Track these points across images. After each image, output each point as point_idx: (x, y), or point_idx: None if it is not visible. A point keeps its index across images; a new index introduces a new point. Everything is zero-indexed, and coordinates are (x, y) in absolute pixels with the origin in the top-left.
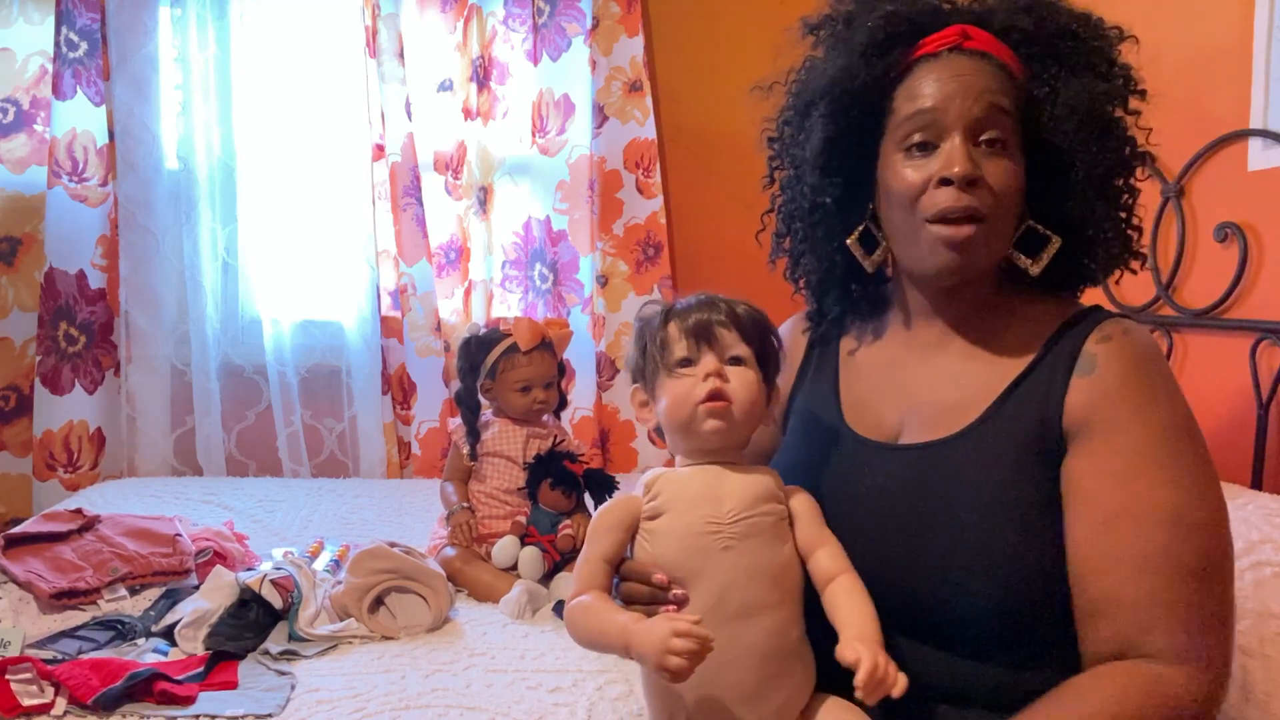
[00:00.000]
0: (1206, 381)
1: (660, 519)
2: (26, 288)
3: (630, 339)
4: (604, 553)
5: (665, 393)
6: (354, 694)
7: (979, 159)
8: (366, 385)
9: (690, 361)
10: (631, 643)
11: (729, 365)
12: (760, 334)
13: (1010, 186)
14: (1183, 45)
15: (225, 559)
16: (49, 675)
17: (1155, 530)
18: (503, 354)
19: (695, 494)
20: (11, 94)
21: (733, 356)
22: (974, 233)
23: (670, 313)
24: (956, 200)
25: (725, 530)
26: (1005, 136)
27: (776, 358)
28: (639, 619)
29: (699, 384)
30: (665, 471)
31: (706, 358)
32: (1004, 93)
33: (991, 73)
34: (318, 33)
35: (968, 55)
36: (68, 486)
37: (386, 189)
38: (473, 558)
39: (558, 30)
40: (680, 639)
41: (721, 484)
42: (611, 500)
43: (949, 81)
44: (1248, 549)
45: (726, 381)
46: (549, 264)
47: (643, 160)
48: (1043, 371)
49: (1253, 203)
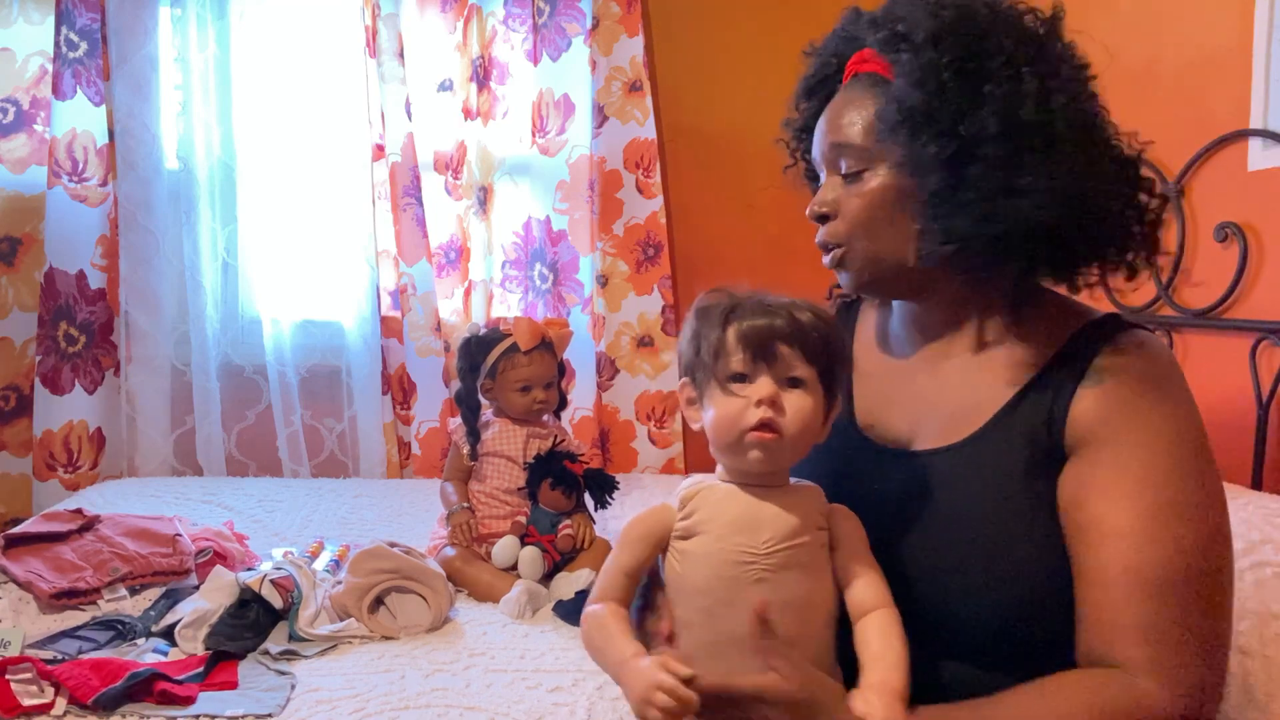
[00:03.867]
0: (1206, 381)
1: (693, 540)
2: (26, 288)
3: (686, 329)
4: (628, 565)
5: (715, 405)
6: (354, 694)
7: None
8: (366, 385)
9: (745, 378)
10: (621, 679)
11: (787, 388)
12: (827, 350)
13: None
14: (1183, 45)
15: (225, 559)
16: (49, 675)
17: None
18: (503, 354)
19: (733, 518)
20: (11, 94)
21: (792, 378)
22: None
23: (730, 315)
24: (819, 236)
25: (760, 562)
26: (860, 164)
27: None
28: (640, 654)
29: (750, 409)
30: (703, 486)
31: (763, 379)
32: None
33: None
34: (317, 33)
35: (858, 83)
36: (68, 486)
37: (386, 189)
38: (473, 558)
39: (558, 30)
40: (662, 694)
41: (762, 511)
42: (647, 510)
43: (823, 123)
44: (1248, 549)
45: (781, 413)
46: (549, 264)
47: (643, 160)
48: (1052, 379)
49: (1253, 203)
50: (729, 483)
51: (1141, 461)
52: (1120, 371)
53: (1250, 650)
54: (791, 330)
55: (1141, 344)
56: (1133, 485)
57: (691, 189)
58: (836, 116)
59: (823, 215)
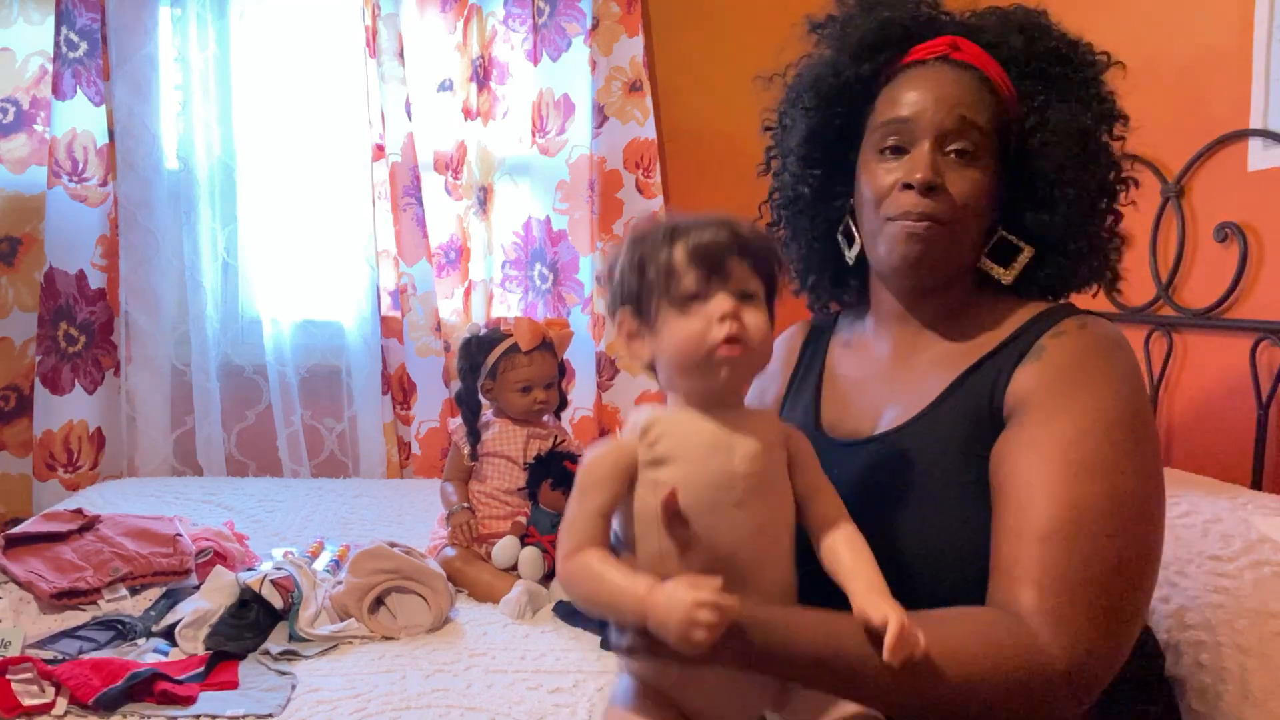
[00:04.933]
0: (1206, 381)
1: (665, 468)
2: (26, 288)
3: (621, 259)
4: (601, 506)
5: (671, 330)
6: (354, 694)
7: (944, 168)
8: (366, 385)
9: (699, 296)
10: (650, 613)
11: (742, 303)
12: (769, 265)
13: (973, 195)
14: (1183, 45)
15: (225, 559)
16: (49, 675)
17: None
18: (503, 354)
19: (705, 442)
20: (11, 94)
21: (744, 292)
22: (930, 231)
23: (675, 235)
24: (916, 204)
25: (740, 485)
26: (974, 148)
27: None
28: (656, 586)
29: (714, 325)
30: (662, 413)
31: (719, 296)
32: (980, 106)
33: (971, 85)
34: (317, 33)
35: (953, 66)
36: (68, 486)
37: (386, 189)
38: (473, 558)
39: (558, 30)
40: (705, 610)
41: (733, 432)
42: (600, 450)
43: (927, 91)
44: (1247, 549)
45: (744, 327)
46: (549, 264)
47: (643, 160)
48: (996, 360)
49: (1253, 203)
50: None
51: (1062, 425)
52: (1059, 348)
53: (1249, 649)
54: (740, 244)
55: (1085, 325)
56: (1049, 445)
57: (691, 189)
58: (955, 92)
59: (935, 185)
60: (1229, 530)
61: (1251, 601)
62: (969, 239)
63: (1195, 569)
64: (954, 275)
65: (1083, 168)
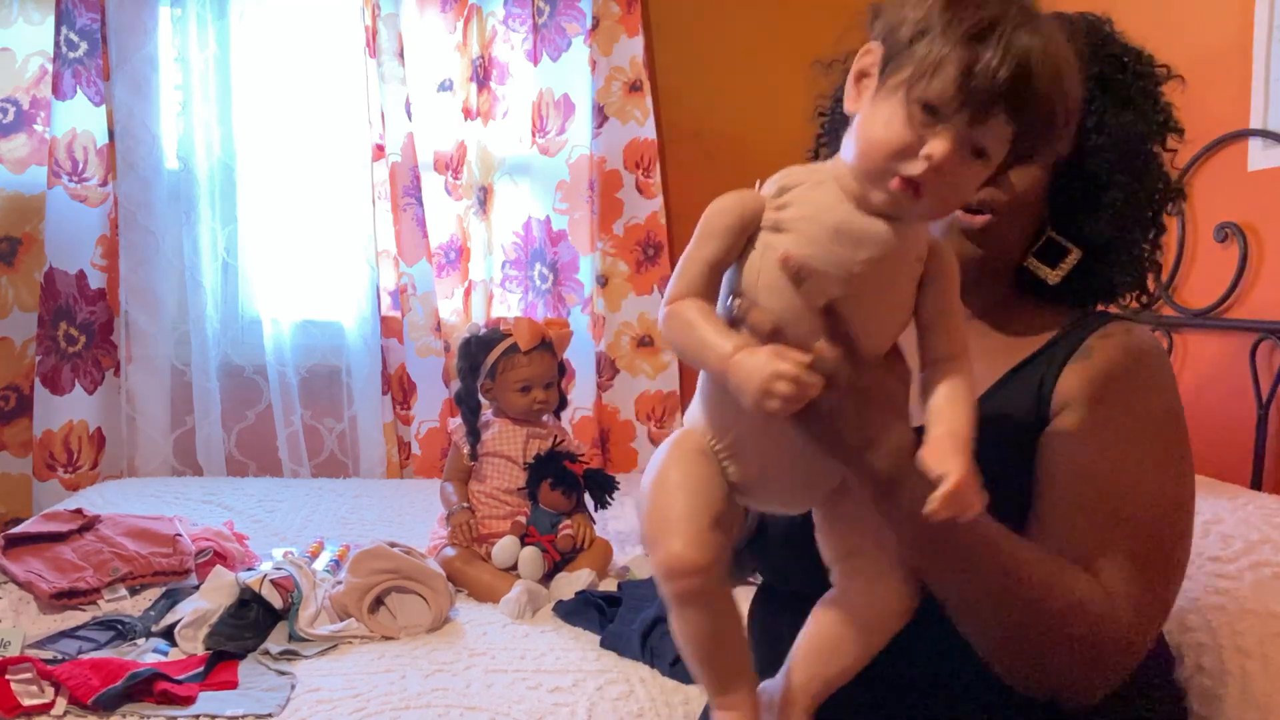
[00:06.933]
0: (1206, 381)
1: (783, 236)
2: (26, 288)
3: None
4: (714, 257)
5: (878, 115)
6: (354, 694)
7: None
8: (366, 385)
9: (935, 112)
10: (731, 373)
11: (968, 157)
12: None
13: (1029, 190)
14: (1183, 45)
15: (225, 559)
16: (49, 675)
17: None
18: (503, 354)
19: (834, 225)
20: (11, 94)
21: (979, 148)
22: (987, 223)
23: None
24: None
25: (853, 279)
26: None
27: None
28: (745, 346)
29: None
30: (805, 176)
31: (944, 134)
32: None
33: None
34: (317, 33)
35: None
36: (68, 486)
37: (386, 189)
38: (473, 558)
39: (558, 30)
40: (783, 383)
41: (868, 227)
42: (733, 196)
43: None
44: (1247, 549)
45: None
46: (549, 264)
47: (643, 160)
48: (1043, 360)
49: (1253, 203)
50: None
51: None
52: (1107, 349)
53: (1249, 650)
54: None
55: (1130, 330)
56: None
57: (691, 189)
58: None
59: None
60: (1229, 531)
61: (1252, 603)
62: (1022, 233)
63: (1195, 570)
64: (1001, 268)
65: (1132, 174)
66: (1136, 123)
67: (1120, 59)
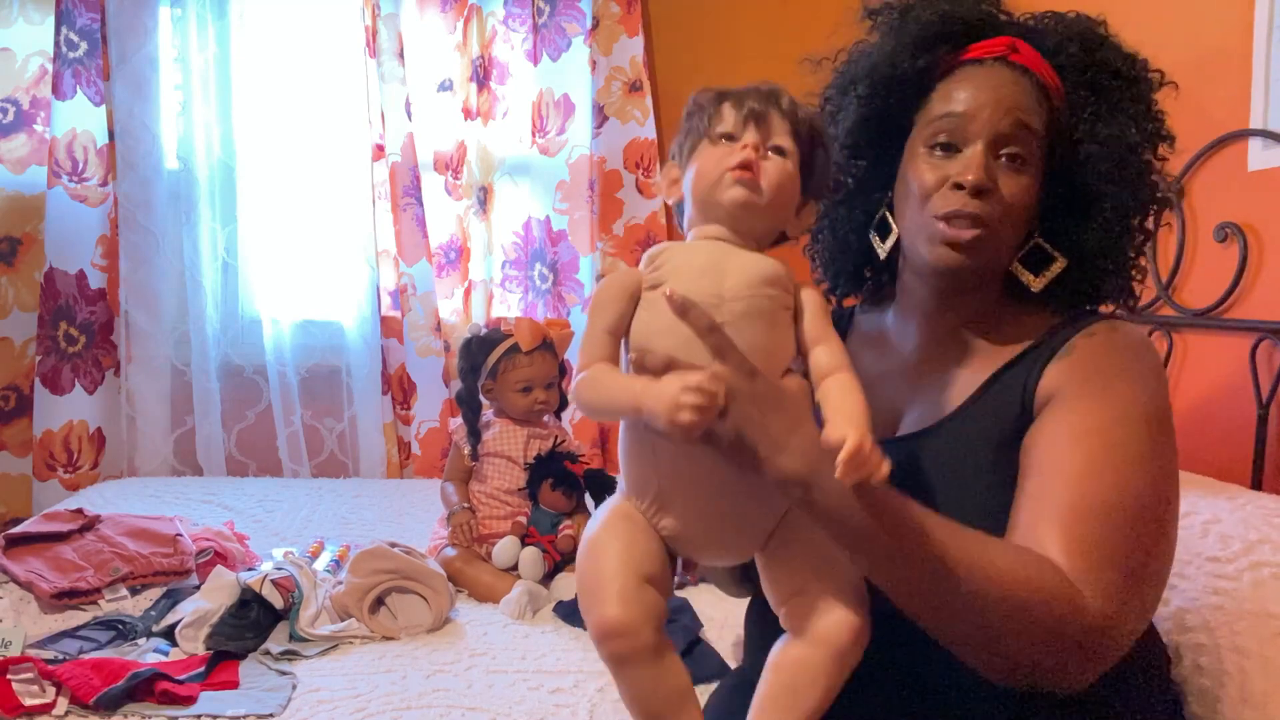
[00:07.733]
0: (1206, 381)
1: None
2: (26, 288)
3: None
4: (608, 325)
5: (699, 159)
6: (355, 694)
7: (996, 170)
8: (366, 385)
9: (734, 137)
10: (642, 403)
11: (770, 152)
12: (811, 137)
13: (1020, 202)
14: (1183, 45)
15: (226, 559)
16: (50, 675)
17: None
18: (504, 354)
19: (700, 265)
20: (11, 94)
21: (776, 145)
22: (975, 237)
23: (727, 94)
24: (964, 205)
25: (725, 305)
26: (1026, 154)
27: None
28: (650, 382)
29: (734, 152)
30: (671, 245)
31: (749, 132)
32: (1036, 112)
33: (1029, 90)
34: (317, 33)
35: (1010, 68)
36: (68, 486)
37: (386, 189)
38: (473, 558)
39: (558, 30)
40: (689, 393)
41: (728, 259)
42: (611, 275)
43: (984, 91)
44: (1247, 549)
45: (765, 158)
46: (549, 264)
47: (643, 160)
48: (1028, 361)
49: (1253, 203)
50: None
51: (1095, 414)
52: (1091, 345)
53: (1248, 651)
54: (785, 108)
55: (1115, 327)
56: (1082, 431)
57: None
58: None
59: (987, 189)
60: (1228, 531)
61: (1251, 603)
62: (1010, 243)
63: (1194, 570)
64: (989, 276)
65: (1124, 183)
66: (1128, 130)
67: (1113, 65)
